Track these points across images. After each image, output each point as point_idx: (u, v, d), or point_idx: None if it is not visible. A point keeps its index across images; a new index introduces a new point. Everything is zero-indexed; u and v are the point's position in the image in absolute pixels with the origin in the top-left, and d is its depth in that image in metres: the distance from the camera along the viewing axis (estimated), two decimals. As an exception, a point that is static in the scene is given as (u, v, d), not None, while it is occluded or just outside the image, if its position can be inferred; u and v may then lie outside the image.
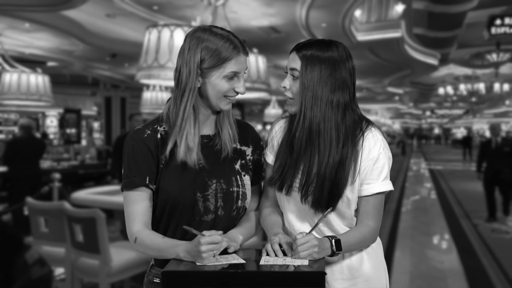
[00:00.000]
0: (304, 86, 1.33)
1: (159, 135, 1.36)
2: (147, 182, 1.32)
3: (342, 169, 1.34)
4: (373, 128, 1.39)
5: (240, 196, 1.39)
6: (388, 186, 1.38)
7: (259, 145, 1.51)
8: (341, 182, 1.34)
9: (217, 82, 1.31)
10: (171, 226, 1.36)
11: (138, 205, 1.33)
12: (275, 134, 1.49)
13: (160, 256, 1.31)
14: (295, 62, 1.36)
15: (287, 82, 1.38)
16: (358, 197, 1.38)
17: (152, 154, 1.34)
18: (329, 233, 1.40)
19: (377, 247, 1.48)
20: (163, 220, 1.36)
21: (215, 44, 1.29)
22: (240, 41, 1.33)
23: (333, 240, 1.29)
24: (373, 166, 1.35)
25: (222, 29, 1.35)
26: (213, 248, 1.17)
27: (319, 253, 1.24)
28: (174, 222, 1.35)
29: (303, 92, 1.34)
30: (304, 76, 1.33)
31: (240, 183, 1.40)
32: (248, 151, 1.46)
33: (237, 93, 1.33)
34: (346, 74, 1.35)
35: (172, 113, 1.35)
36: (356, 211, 1.41)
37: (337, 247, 1.29)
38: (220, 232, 1.23)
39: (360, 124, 1.38)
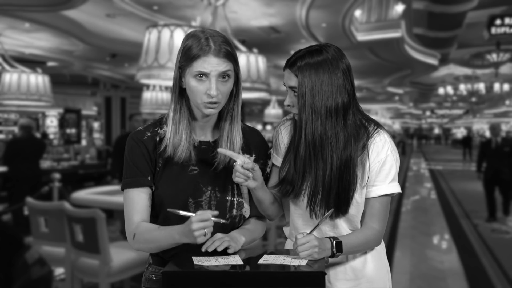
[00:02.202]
0: (303, 101, 1.31)
1: (158, 138, 1.36)
2: (148, 180, 1.34)
3: (348, 173, 1.33)
4: (381, 131, 1.38)
5: (235, 205, 1.38)
6: (395, 188, 1.37)
7: (264, 154, 1.48)
8: (349, 186, 1.33)
9: (188, 80, 1.29)
10: None
11: (138, 202, 1.33)
12: (282, 138, 1.48)
13: (159, 247, 1.29)
14: (291, 79, 1.33)
15: (289, 100, 1.36)
16: (366, 199, 1.38)
17: (151, 156, 1.35)
18: (333, 234, 1.40)
19: (381, 248, 1.48)
20: (155, 222, 1.36)
21: (191, 43, 1.28)
22: (224, 45, 1.27)
23: (334, 242, 1.29)
24: (380, 168, 1.35)
25: (216, 32, 1.32)
26: (204, 226, 1.15)
27: (319, 253, 1.24)
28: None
29: (302, 107, 1.31)
30: (302, 91, 1.31)
31: (236, 192, 1.39)
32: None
33: (211, 96, 1.27)
34: (342, 75, 1.33)
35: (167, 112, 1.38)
36: (363, 214, 1.41)
37: (338, 249, 1.29)
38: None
39: (366, 126, 1.38)
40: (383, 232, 1.39)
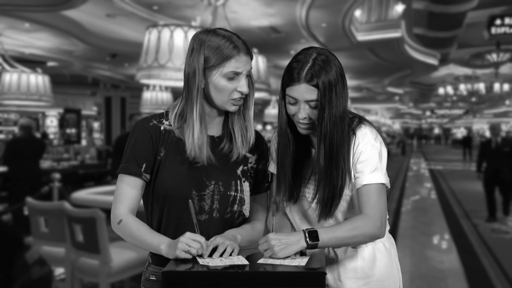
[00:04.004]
0: (325, 112, 1.32)
1: (162, 128, 1.38)
2: (142, 171, 1.35)
3: (344, 169, 1.37)
4: (362, 125, 1.40)
5: (237, 201, 1.39)
6: (377, 178, 1.34)
7: (265, 155, 1.50)
8: (343, 183, 1.37)
9: (217, 81, 1.31)
10: (164, 221, 1.37)
11: (129, 190, 1.35)
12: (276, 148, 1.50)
13: (138, 245, 1.33)
14: (310, 93, 1.32)
15: (304, 113, 1.34)
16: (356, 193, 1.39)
17: (153, 143, 1.36)
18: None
19: (390, 246, 1.49)
20: (157, 214, 1.37)
21: (217, 43, 1.30)
22: (243, 42, 1.33)
23: (307, 231, 1.25)
24: (359, 159, 1.36)
25: (226, 30, 1.36)
26: (192, 245, 1.19)
27: (282, 249, 1.22)
28: (167, 217, 1.36)
29: (323, 118, 1.32)
30: (325, 104, 1.31)
31: (239, 188, 1.40)
32: (252, 158, 1.46)
33: (241, 93, 1.32)
34: (343, 79, 1.36)
35: (184, 111, 1.36)
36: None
37: (312, 238, 1.25)
38: (209, 247, 1.24)
39: (350, 124, 1.40)
40: (376, 218, 1.31)
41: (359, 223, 1.30)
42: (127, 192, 1.35)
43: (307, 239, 1.24)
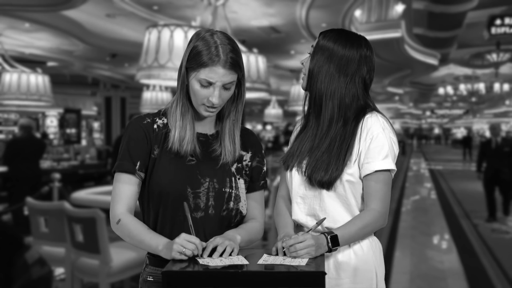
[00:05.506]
0: (311, 69, 1.44)
1: (155, 126, 1.40)
2: (136, 168, 1.36)
3: (341, 147, 1.38)
4: (375, 112, 1.42)
5: (233, 198, 1.40)
6: (389, 165, 1.37)
7: (260, 152, 1.52)
8: (340, 161, 1.37)
9: (192, 83, 1.33)
10: (160, 220, 1.36)
11: (125, 188, 1.35)
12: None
13: (136, 245, 1.34)
14: (314, 42, 1.46)
15: (304, 58, 1.49)
16: (362, 179, 1.38)
17: (147, 141, 1.37)
18: (318, 208, 1.41)
19: (369, 250, 1.41)
20: (153, 213, 1.37)
21: (201, 47, 1.31)
22: (232, 56, 1.31)
23: (329, 237, 1.28)
24: (370, 145, 1.37)
25: (224, 36, 1.35)
26: (187, 246, 1.19)
27: (316, 251, 1.24)
28: (162, 216, 1.36)
29: (309, 74, 1.44)
30: (312, 61, 1.43)
31: (234, 185, 1.41)
32: (247, 156, 1.48)
33: (212, 103, 1.32)
34: (355, 74, 1.42)
35: (172, 105, 1.41)
36: (362, 199, 1.41)
37: (334, 243, 1.28)
38: (206, 248, 1.23)
39: (364, 109, 1.43)
40: (384, 213, 1.36)
41: (370, 220, 1.35)
42: (123, 190, 1.36)
43: (329, 245, 1.28)
